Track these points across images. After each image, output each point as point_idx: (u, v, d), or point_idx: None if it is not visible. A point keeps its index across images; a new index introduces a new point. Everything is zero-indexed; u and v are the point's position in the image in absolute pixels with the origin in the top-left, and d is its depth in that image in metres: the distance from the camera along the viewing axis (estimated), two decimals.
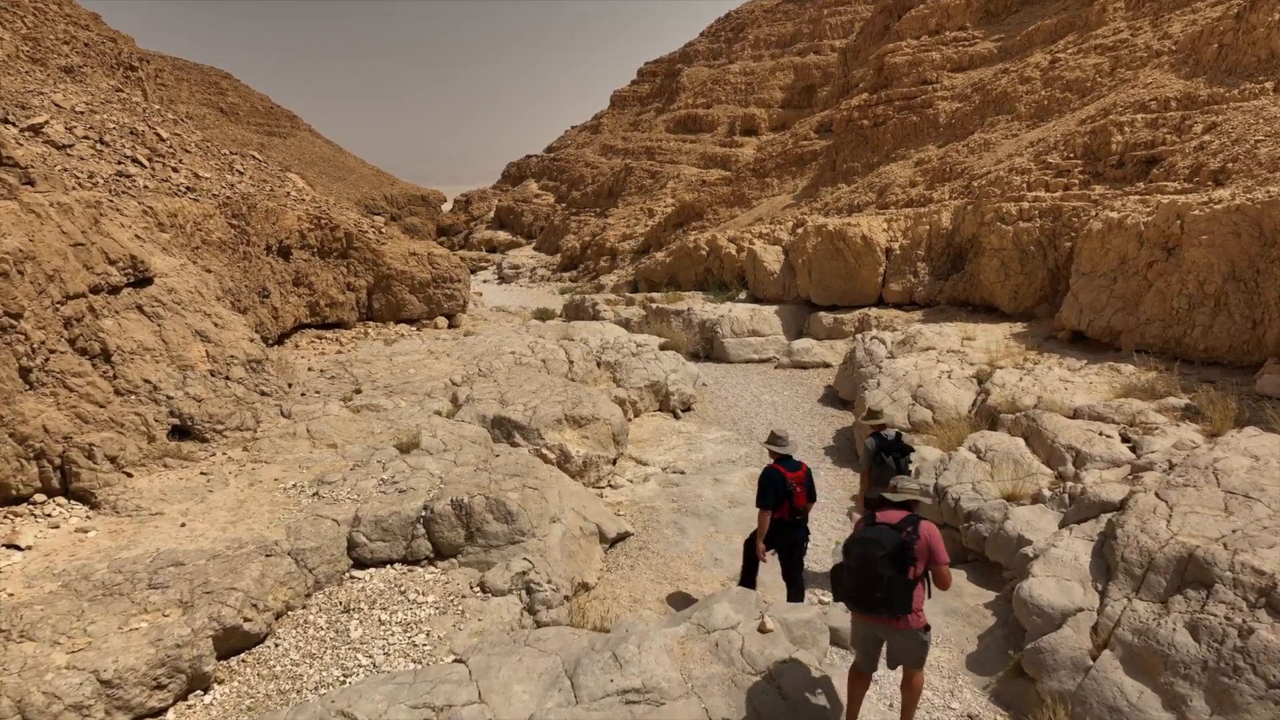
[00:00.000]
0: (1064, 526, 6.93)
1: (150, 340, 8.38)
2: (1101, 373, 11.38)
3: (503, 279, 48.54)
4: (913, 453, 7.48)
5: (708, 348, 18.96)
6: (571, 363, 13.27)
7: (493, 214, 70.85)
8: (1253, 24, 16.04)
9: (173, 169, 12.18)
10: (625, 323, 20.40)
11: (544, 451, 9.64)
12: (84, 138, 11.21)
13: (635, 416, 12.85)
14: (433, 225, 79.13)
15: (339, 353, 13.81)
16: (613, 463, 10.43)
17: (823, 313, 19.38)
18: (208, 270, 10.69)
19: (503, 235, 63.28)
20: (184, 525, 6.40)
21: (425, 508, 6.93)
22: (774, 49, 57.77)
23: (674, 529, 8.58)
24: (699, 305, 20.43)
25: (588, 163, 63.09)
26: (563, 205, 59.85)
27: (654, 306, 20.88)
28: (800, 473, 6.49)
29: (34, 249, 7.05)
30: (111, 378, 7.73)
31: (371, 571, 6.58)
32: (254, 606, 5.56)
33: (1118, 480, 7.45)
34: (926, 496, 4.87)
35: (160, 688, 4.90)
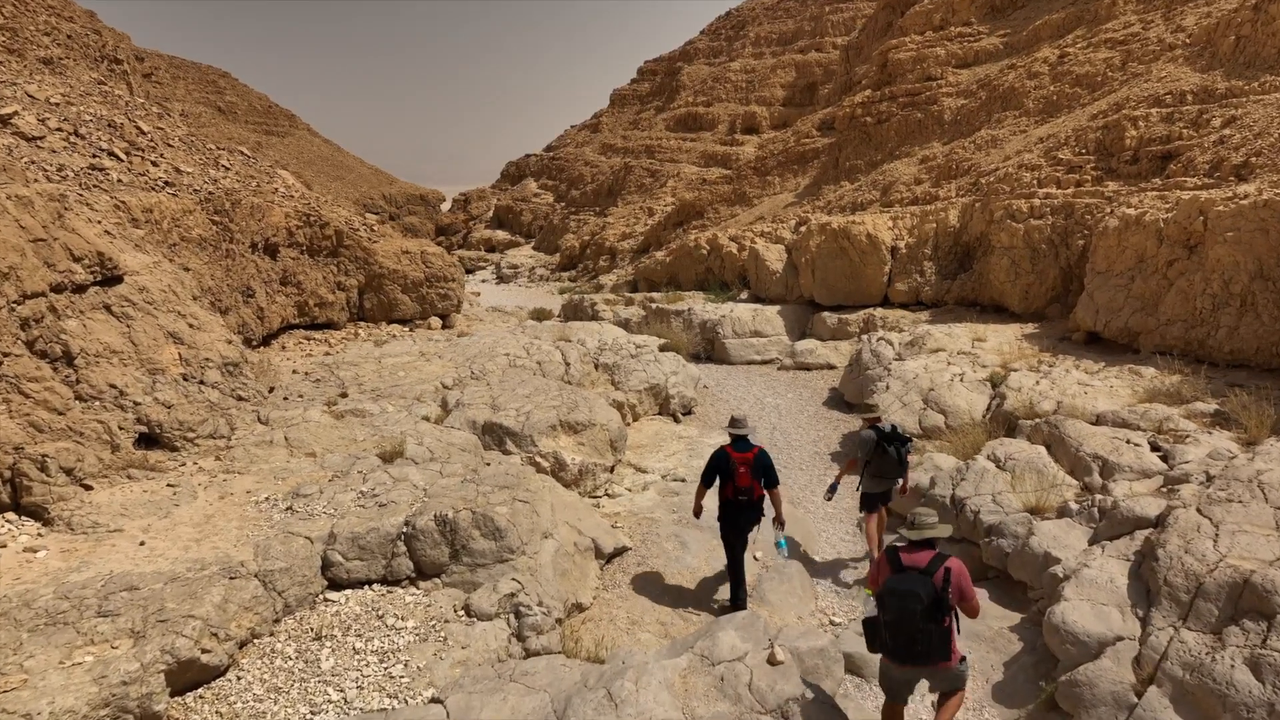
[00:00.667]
0: (1094, 543, 6.44)
1: (118, 342, 7.88)
2: (1121, 376, 10.89)
3: (501, 279, 48.06)
4: (910, 442, 7.42)
5: (709, 349, 18.46)
6: (568, 365, 12.78)
7: (491, 213, 70.34)
8: (1272, 15, 15.55)
9: (151, 163, 11.68)
10: (624, 323, 19.90)
11: (537, 459, 9.15)
12: (56, 130, 10.71)
13: (634, 421, 12.34)
14: (431, 225, 78.56)
15: (327, 354, 13.31)
16: (610, 470, 9.92)
17: (827, 313, 18.89)
18: (185, 268, 10.19)
19: (501, 235, 62.76)
20: (143, 544, 5.90)
21: (407, 523, 6.43)
22: (775, 47, 57.27)
23: (675, 542, 8.07)
24: (700, 305, 19.93)
25: (587, 162, 62.58)
26: (562, 204, 59.36)
27: (654, 306, 20.37)
28: (749, 455, 6.59)
29: None
30: (73, 383, 7.23)
31: (348, 593, 6.08)
32: (214, 635, 5.06)
33: (1150, 493, 6.96)
34: (945, 530, 4.66)
35: None
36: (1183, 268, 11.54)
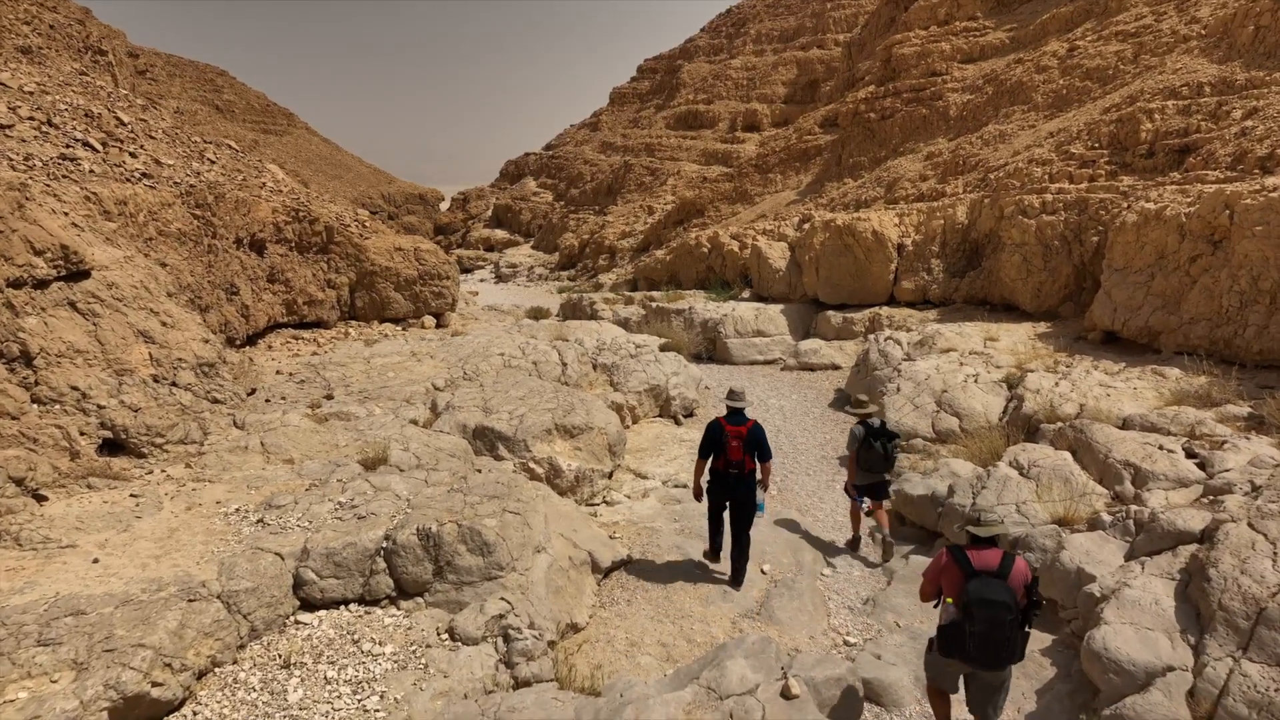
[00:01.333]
0: (1132, 559, 5.94)
1: (83, 341, 7.38)
2: (1144, 377, 10.39)
3: (500, 278, 47.57)
4: (897, 439, 7.61)
5: (710, 349, 17.96)
6: (565, 365, 12.28)
7: (490, 212, 69.79)
8: None
9: (130, 154, 11.17)
10: (624, 322, 19.39)
11: (531, 465, 8.65)
12: (28, 119, 10.21)
13: (634, 423, 11.85)
14: (430, 224, 78.07)
15: (314, 354, 12.81)
16: (608, 476, 9.43)
17: (831, 312, 18.38)
18: (162, 264, 9.69)
19: (500, 234, 62.22)
20: (97, 561, 5.40)
21: (387, 537, 5.92)
22: (776, 44, 56.76)
23: (677, 554, 7.57)
24: (701, 304, 19.41)
25: (587, 160, 62.07)
26: (561, 203, 58.84)
27: (654, 306, 19.85)
28: (742, 428, 6.60)
29: None
30: (31, 385, 6.73)
31: (321, 615, 5.57)
32: (167, 666, 4.56)
33: (1190, 504, 6.46)
34: (1008, 529, 4.72)
35: None
36: (1207, 264, 11.04)
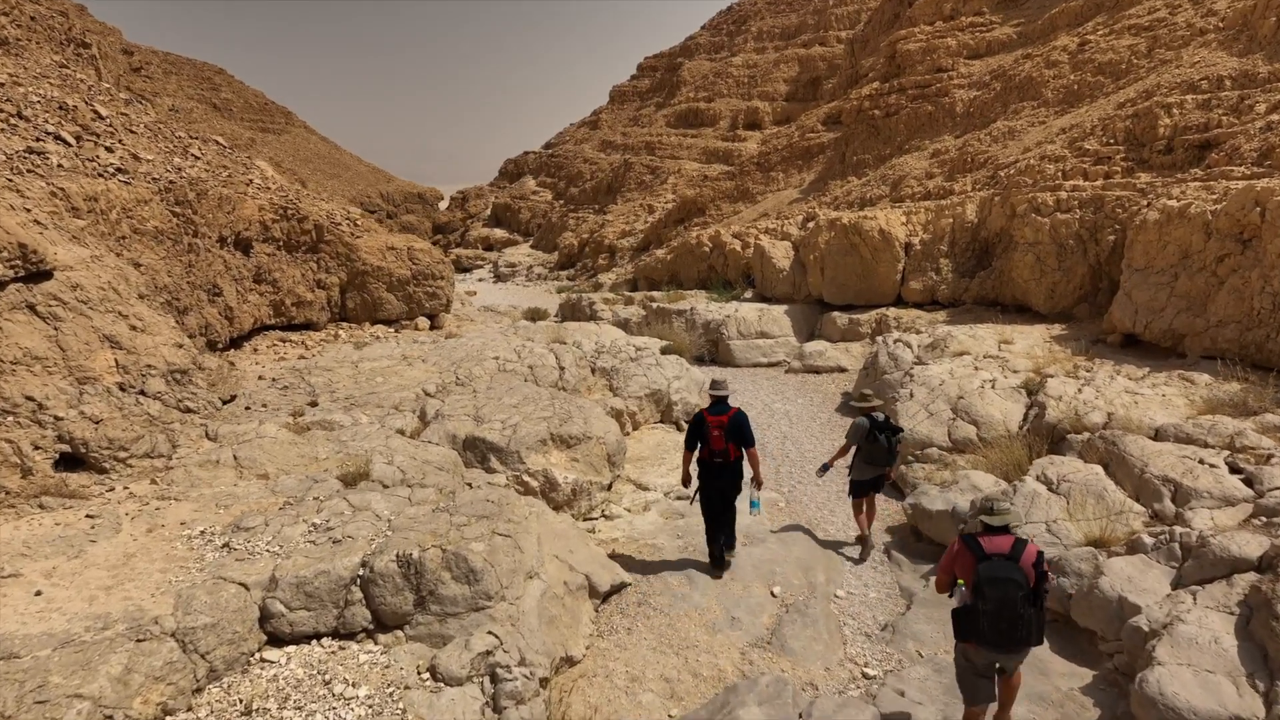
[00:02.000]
0: (1180, 587, 5.43)
1: (42, 347, 6.86)
2: (1172, 383, 9.87)
3: (499, 277, 47.02)
4: (901, 433, 7.59)
5: (712, 350, 17.43)
6: (562, 369, 11.75)
7: (489, 211, 69.23)
8: None
9: (105, 148, 10.65)
10: (624, 323, 18.87)
11: (525, 479, 8.13)
12: None
13: (634, 430, 11.33)
14: (429, 223, 77.50)
15: (301, 358, 12.29)
16: (607, 488, 8.91)
17: (836, 313, 17.85)
18: (135, 264, 9.17)
19: (499, 233, 61.65)
20: (40, 593, 4.88)
21: (364, 564, 5.41)
22: (777, 41, 56.22)
23: (680, 577, 7.05)
24: (703, 305, 18.88)
25: (586, 159, 61.52)
26: (561, 202, 58.30)
27: (655, 306, 19.32)
28: (723, 417, 6.62)
29: None
30: None
31: (290, 651, 5.06)
32: (108, 719, 4.05)
33: (1238, 525, 5.95)
34: (1020, 519, 4.59)
35: None
36: (1235, 263, 10.52)
